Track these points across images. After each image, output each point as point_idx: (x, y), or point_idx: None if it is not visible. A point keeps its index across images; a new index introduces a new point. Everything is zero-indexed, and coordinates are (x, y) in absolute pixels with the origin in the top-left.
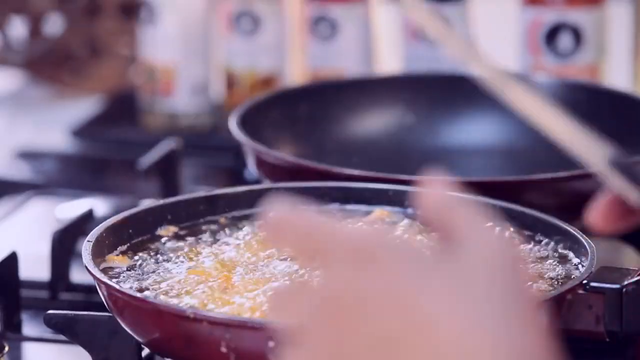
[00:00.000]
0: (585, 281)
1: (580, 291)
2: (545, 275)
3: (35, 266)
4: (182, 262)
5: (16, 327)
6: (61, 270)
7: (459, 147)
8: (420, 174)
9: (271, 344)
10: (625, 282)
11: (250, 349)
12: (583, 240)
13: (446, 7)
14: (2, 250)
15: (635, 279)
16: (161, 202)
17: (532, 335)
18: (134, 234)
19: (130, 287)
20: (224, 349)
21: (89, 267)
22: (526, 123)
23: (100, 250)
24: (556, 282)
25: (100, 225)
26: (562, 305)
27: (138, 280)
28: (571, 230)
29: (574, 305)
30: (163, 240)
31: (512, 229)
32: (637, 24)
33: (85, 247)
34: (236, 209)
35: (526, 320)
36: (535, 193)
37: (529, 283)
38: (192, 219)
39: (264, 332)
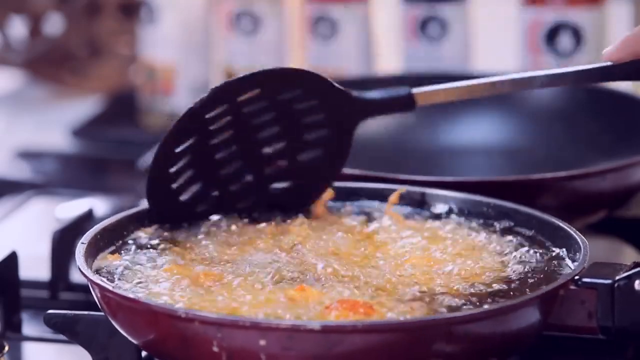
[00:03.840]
0: (577, 277)
1: (572, 287)
2: (540, 272)
3: (35, 266)
4: (170, 260)
5: (16, 327)
6: (61, 270)
7: (459, 147)
8: (420, 174)
9: (262, 342)
10: (617, 277)
11: (241, 347)
12: (576, 237)
13: (446, 7)
14: (2, 250)
15: (627, 273)
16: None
17: None
18: (127, 234)
19: (125, 288)
20: (215, 349)
21: (82, 269)
22: (526, 123)
23: (96, 251)
24: (549, 279)
25: (95, 227)
26: (554, 301)
27: (131, 279)
28: (565, 227)
29: (567, 301)
30: (150, 239)
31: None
32: (637, 24)
33: (79, 249)
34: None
35: None
36: (535, 193)
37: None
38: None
39: (255, 331)
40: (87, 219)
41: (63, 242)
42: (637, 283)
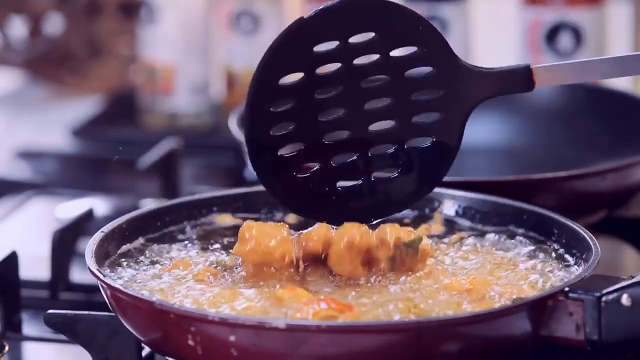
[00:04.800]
0: (566, 288)
1: (561, 298)
2: (552, 276)
3: (35, 266)
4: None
5: (16, 326)
6: (61, 270)
7: None
8: None
9: (232, 337)
10: (604, 291)
11: (213, 342)
12: (592, 246)
13: (446, 7)
14: (2, 250)
15: (614, 287)
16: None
17: None
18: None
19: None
20: (190, 342)
21: (90, 267)
22: (526, 123)
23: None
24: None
25: (122, 217)
26: (543, 311)
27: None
28: (584, 234)
29: (556, 312)
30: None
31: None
32: (637, 24)
33: (96, 237)
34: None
35: None
36: (535, 193)
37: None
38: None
39: (225, 326)
40: (87, 219)
41: (63, 242)
42: (624, 297)
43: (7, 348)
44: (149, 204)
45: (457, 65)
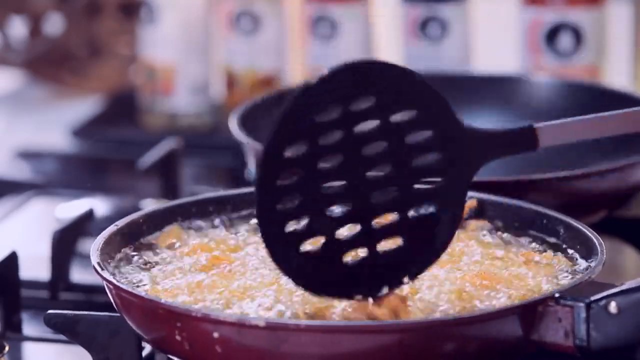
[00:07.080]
0: (557, 294)
1: (551, 304)
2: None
3: (35, 266)
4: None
5: (16, 327)
6: (61, 270)
7: None
8: None
9: (215, 334)
10: (593, 298)
11: (198, 338)
12: (599, 253)
13: (446, 7)
14: (2, 250)
15: (602, 294)
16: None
17: None
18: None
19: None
20: (178, 337)
21: (94, 265)
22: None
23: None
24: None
25: (125, 217)
26: (534, 315)
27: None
28: (593, 238)
29: (546, 318)
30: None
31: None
32: (637, 24)
33: (108, 230)
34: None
35: None
36: (535, 193)
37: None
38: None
39: (208, 322)
40: (87, 219)
41: (63, 242)
42: (612, 305)
43: (7, 348)
44: (149, 204)
45: (458, 127)
